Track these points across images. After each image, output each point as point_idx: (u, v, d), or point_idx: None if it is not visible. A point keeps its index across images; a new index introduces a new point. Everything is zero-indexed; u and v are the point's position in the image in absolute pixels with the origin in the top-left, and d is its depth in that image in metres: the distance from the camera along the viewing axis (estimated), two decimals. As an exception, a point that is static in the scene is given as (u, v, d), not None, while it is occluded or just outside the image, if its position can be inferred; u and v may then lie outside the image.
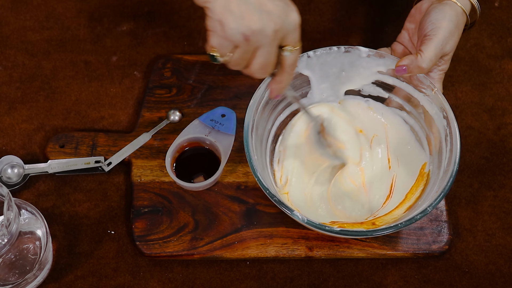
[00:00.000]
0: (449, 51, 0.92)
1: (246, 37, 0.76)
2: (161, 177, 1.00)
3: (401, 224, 0.84)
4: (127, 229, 0.98)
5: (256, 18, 0.76)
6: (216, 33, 0.77)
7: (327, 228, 0.84)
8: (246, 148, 0.88)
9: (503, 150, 1.02)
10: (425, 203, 0.86)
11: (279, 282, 0.94)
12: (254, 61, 0.80)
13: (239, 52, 0.78)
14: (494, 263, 0.95)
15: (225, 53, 0.78)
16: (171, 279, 0.95)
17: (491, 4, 1.15)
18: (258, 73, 0.81)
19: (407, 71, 0.92)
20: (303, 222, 0.84)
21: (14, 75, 1.10)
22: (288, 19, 0.78)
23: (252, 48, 0.78)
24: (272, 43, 0.78)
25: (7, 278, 0.90)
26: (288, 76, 0.84)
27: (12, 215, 0.84)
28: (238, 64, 0.80)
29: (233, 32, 0.76)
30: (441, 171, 0.89)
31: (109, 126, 1.06)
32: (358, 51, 0.95)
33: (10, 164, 1.01)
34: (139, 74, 1.10)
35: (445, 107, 0.91)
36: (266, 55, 0.79)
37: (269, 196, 0.86)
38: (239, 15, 0.75)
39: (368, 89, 0.99)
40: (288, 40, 0.80)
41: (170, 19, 1.15)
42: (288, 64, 0.82)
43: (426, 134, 0.95)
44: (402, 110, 0.98)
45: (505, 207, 0.98)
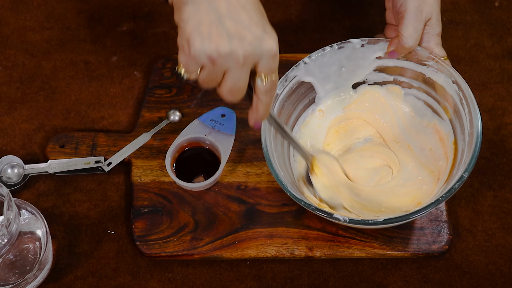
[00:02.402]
0: (430, 15, 0.90)
1: (212, 59, 0.75)
2: (161, 177, 1.00)
3: (442, 197, 0.83)
4: (127, 229, 0.98)
5: (225, 42, 0.74)
6: (184, 52, 0.76)
7: (371, 221, 0.84)
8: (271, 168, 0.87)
9: (503, 150, 1.02)
10: (460, 171, 0.86)
11: (279, 282, 0.94)
12: (223, 83, 0.78)
13: (205, 73, 0.77)
14: (494, 263, 0.95)
15: (191, 71, 0.77)
16: (171, 279, 0.95)
17: (491, 4, 1.15)
18: (227, 97, 0.79)
19: (398, 54, 0.92)
20: (345, 222, 0.84)
21: (14, 75, 1.10)
22: (262, 46, 0.75)
23: (220, 70, 0.76)
24: (240, 68, 0.76)
25: (7, 278, 0.90)
26: (264, 105, 0.81)
27: (12, 215, 0.84)
28: (206, 83, 0.78)
29: (198, 53, 0.74)
30: (466, 136, 0.89)
31: (109, 126, 1.06)
32: (351, 44, 0.95)
33: (10, 164, 1.01)
34: (139, 74, 1.10)
35: (452, 72, 0.91)
36: (234, 80, 0.77)
37: (305, 206, 0.86)
38: (207, 37, 0.74)
39: (372, 77, 0.99)
40: (261, 67, 0.77)
41: (170, 19, 1.14)
42: (261, 92, 0.79)
43: (441, 104, 0.95)
44: (411, 87, 0.98)
45: (505, 207, 0.98)
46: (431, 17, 0.91)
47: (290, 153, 0.97)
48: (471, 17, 1.14)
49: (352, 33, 1.13)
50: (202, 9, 0.74)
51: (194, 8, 0.75)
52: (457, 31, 1.13)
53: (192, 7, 0.75)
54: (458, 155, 0.92)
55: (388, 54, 0.94)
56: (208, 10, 0.74)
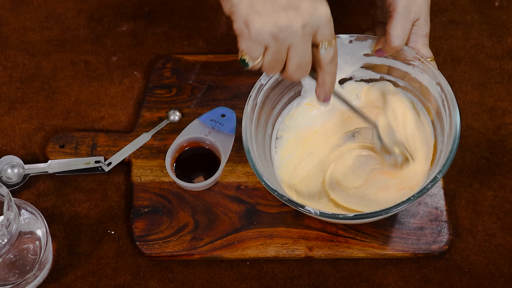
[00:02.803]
0: (418, 16, 0.90)
1: (274, 35, 0.75)
2: (161, 177, 1.00)
3: (414, 197, 0.84)
4: (127, 229, 0.98)
5: (282, 15, 0.74)
6: (244, 36, 0.75)
7: (341, 216, 0.84)
8: (249, 158, 0.88)
9: (503, 150, 1.02)
10: (435, 171, 0.86)
11: (279, 282, 0.94)
12: (289, 62, 0.78)
13: (270, 53, 0.76)
14: (494, 263, 0.95)
15: (255, 56, 0.77)
16: (171, 279, 0.95)
17: (491, 4, 1.15)
18: (295, 75, 0.79)
19: (385, 52, 0.93)
20: (316, 215, 0.85)
21: (14, 75, 1.10)
22: (317, 12, 0.76)
23: (283, 47, 0.76)
24: (303, 40, 0.76)
25: (7, 278, 0.90)
26: (331, 75, 0.82)
27: (12, 215, 0.84)
28: (273, 67, 0.78)
29: (259, 31, 0.74)
30: (445, 138, 0.89)
31: (109, 126, 1.06)
32: (340, 39, 0.95)
33: (10, 164, 1.01)
34: (139, 74, 1.10)
35: (436, 74, 0.91)
36: (300, 54, 0.77)
37: (278, 197, 0.86)
38: (265, 14, 0.74)
39: (359, 74, 0.99)
40: (321, 35, 0.78)
41: (170, 19, 1.15)
42: (326, 62, 0.80)
43: (425, 105, 0.95)
44: (397, 87, 0.98)
45: (505, 207, 0.98)
46: (419, 18, 0.91)
47: (272, 145, 0.97)
48: (471, 17, 1.14)
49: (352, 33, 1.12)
50: None
51: None
52: (457, 31, 1.13)
53: None
54: (436, 156, 0.92)
55: (375, 52, 0.94)
56: None
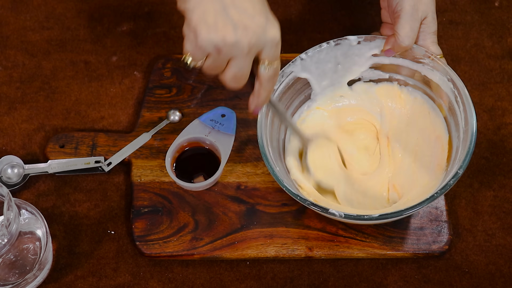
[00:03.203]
0: (425, 14, 0.91)
1: (218, 48, 0.77)
2: (161, 177, 1.00)
3: (437, 194, 0.84)
4: (127, 229, 0.98)
5: (230, 32, 0.76)
6: (190, 40, 0.78)
7: (366, 217, 0.84)
8: (267, 163, 0.88)
9: (503, 150, 1.02)
10: (454, 167, 0.86)
11: (279, 282, 0.94)
12: (227, 71, 0.80)
13: (211, 60, 0.79)
14: (494, 263, 0.95)
15: (197, 60, 0.79)
16: (171, 279, 0.95)
17: (491, 4, 1.15)
18: (231, 83, 0.81)
19: (394, 52, 0.93)
20: (341, 217, 0.85)
21: (14, 75, 1.10)
22: (266, 35, 0.77)
23: (225, 58, 0.78)
24: (245, 57, 0.78)
25: (7, 278, 0.90)
26: (266, 91, 0.83)
27: (12, 215, 0.84)
28: (211, 70, 0.80)
29: (205, 43, 0.76)
30: (460, 133, 0.89)
31: (109, 126, 1.06)
32: (348, 41, 0.95)
33: (10, 164, 1.01)
34: (139, 74, 1.10)
35: (447, 70, 0.91)
36: (238, 67, 0.79)
37: (300, 201, 0.86)
38: (213, 27, 0.76)
39: (368, 74, 0.99)
40: (264, 54, 0.79)
41: (170, 19, 1.15)
42: (264, 79, 0.82)
43: (436, 102, 0.96)
44: (407, 85, 0.98)
45: (505, 207, 0.98)
46: (426, 16, 0.91)
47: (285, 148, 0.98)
48: (471, 17, 1.14)
49: (352, 33, 1.12)
50: None
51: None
52: (457, 31, 1.13)
53: None
54: (452, 152, 0.92)
55: (384, 52, 0.95)
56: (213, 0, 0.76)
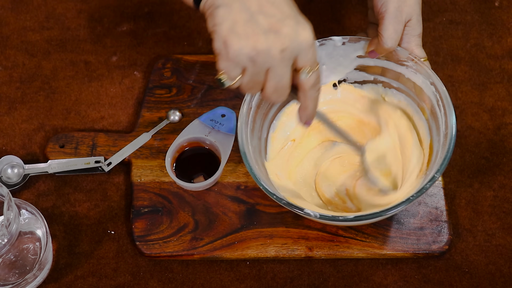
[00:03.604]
0: (410, 16, 0.90)
1: (252, 58, 0.74)
2: (161, 177, 1.00)
3: (413, 197, 0.84)
4: (127, 229, 0.98)
5: (261, 38, 0.73)
6: (222, 56, 0.75)
7: (341, 218, 0.84)
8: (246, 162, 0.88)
9: (503, 150, 1.02)
10: (432, 171, 0.86)
11: (279, 282, 0.94)
12: (267, 85, 0.77)
13: (248, 75, 0.76)
14: (494, 263, 0.95)
15: (233, 77, 0.76)
16: (171, 279, 0.95)
17: (491, 4, 1.15)
18: (273, 97, 0.78)
19: (378, 54, 0.93)
20: (315, 218, 0.85)
21: (14, 75, 1.10)
22: (298, 38, 0.75)
23: (261, 70, 0.75)
24: (281, 64, 0.75)
25: (7, 278, 0.90)
26: (313, 100, 0.81)
27: (12, 215, 0.84)
28: (250, 88, 0.78)
29: (237, 53, 0.74)
30: (441, 137, 0.90)
31: (109, 126, 1.06)
32: (333, 41, 0.95)
33: (10, 164, 1.01)
34: (139, 74, 1.10)
35: (430, 74, 0.91)
36: (277, 77, 0.76)
37: (276, 200, 0.86)
38: (244, 36, 0.73)
39: (352, 76, 0.99)
40: (302, 60, 0.77)
41: (170, 20, 1.15)
42: (308, 87, 0.79)
43: (419, 105, 0.95)
44: (391, 88, 0.98)
45: (505, 207, 0.98)
46: (411, 18, 0.91)
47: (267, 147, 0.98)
48: (471, 17, 1.14)
49: (352, 33, 1.12)
50: (234, 9, 0.74)
51: (226, 10, 0.75)
52: (457, 31, 1.13)
53: (224, 10, 0.75)
54: (432, 156, 0.92)
55: (368, 53, 0.95)
56: (240, 9, 0.74)
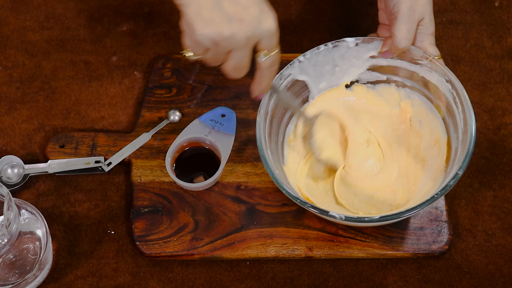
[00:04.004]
0: (423, 15, 0.91)
1: (215, 42, 0.78)
2: (161, 177, 1.00)
3: (437, 195, 0.84)
4: (127, 229, 0.98)
5: (225, 25, 0.77)
6: (188, 35, 0.80)
7: (366, 219, 0.85)
8: (266, 166, 0.88)
9: (503, 150, 1.02)
10: (454, 168, 0.87)
11: (279, 282, 0.94)
12: (228, 62, 0.82)
13: (211, 53, 0.81)
14: (494, 263, 0.95)
15: (197, 54, 0.81)
16: (171, 279, 0.95)
17: (491, 4, 1.15)
18: (232, 74, 0.83)
19: (392, 54, 0.93)
20: (341, 220, 0.85)
21: (14, 75, 1.10)
22: (261, 26, 0.79)
23: (223, 51, 0.80)
24: (244, 48, 0.80)
25: (7, 278, 0.90)
26: (267, 77, 0.85)
27: (12, 215, 0.84)
28: (212, 62, 0.82)
29: (202, 37, 0.78)
30: (459, 134, 0.90)
31: (109, 126, 1.06)
32: (346, 43, 0.95)
33: (10, 164, 1.01)
34: (139, 74, 1.10)
35: (445, 71, 0.92)
36: (238, 58, 0.81)
37: (300, 204, 0.86)
38: (209, 21, 0.77)
39: (365, 76, 0.99)
40: (263, 45, 0.81)
41: (170, 19, 1.15)
42: (264, 67, 0.83)
43: (434, 103, 0.96)
44: (405, 87, 0.98)
45: (505, 207, 0.98)
46: (424, 17, 0.91)
47: (283, 150, 0.98)
48: (471, 17, 1.14)
49: (352, 33, 1.12)
50: None
51: None
52: (457, 31, 1.13)
53: None
54: (451, 153, 0.92)
55: (381, 54, 0.95)
56: None
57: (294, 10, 1.16)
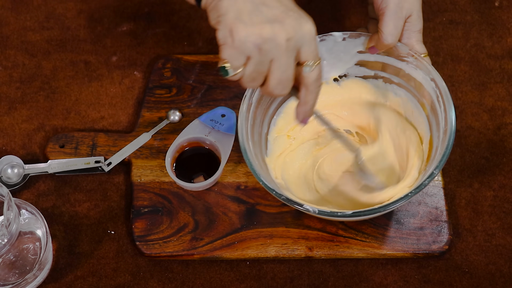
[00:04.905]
0: (410, 12, 0.91)
1: (258, 46, 0.75)
2: (161, 177, 1.00)
3: (411, 193, 0.84)
4: (127, 229, 0.98)
5: (267, 27, 0.75)
6: (227, 44, 0.76)
7: (339, 213, 0.85)
8: (246, 158, 0.88)
9: (503, 150, 1.02)
10: (431, 167, 0.86)
11: (279, 282, 0.94)
12: (271, 76, 0.78)
13: (252, 64, 0.77)
14: (494, 263, 0.95)
15: (237, 66, 0.77)
16: (171, 279, 0.95)
17: (491, 4, 1.15)
18: (276, 90, 0.79)
19: (378, 50, 0.93)
20: (314, 213, 0.85)
21: (14, 75, 1.10)
22: (302, 29, 0.77)
23: (266, 59, 0.76)
24: (286, 54, 0.76)
25: (7, 278, 0.90)
26: (313, 95, 0.81)
27: (12, 215, 0.84)
28: (253, 79, 0.78)
29: (244, 40, 0.75)
30: (440, 133, 0.90)
31: (109, 126, 1.06)
32: (333, 37, 0.95)
33: (10, 164, 1.01)
34: (139, 74, 1.10)
35: (430, 70, 0.91)
36: (282, 68, 0.77)
37: (276, 196, 0.86)
38: (250, 24, 0.75)
39: (353, 71, 0.99)
40: (305, 53, 0.78)
41: (170, 20, 1.15)
42: (310, 81, 0.80)
43: (419, 101, 0.96)
44: (392, 83, 0.98)
45: (505, 207, 0.98)
46: (411, 14, 0.91)
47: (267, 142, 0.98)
48: (471, 17, 1.14)
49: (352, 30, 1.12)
50: (238, 1, 0.76)
51: (230, 2, 0.76)
52: (457, 31, 1.13)
53: (228, 1, 0.76)
54: (432, 152, 0.92)
55: (368, 49, 0.95)
56: (244, 1, 0.76)
57: (294, 10, 1.16)
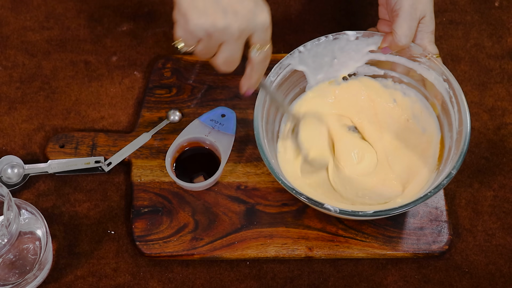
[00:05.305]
0: (424, 13, 0.91)
1: (209, 33, 0.78)
2: (161, 177, 1.00)
3: (430, 193, 0.84)
4: (127, 229, 0.98)
5: (220, 17, 0.78)
6: (180, 26, 0.80)
7: (360, 213, 0.85)
8: (263, 155, 0.88)
9: (503, 150, 1.02)
10: (447, 167, 0.87)
11: (279, 282, 0.94)
12: (219, 55, 0.82)
13: (202, 45, 0.81)
14: (494, 263, 0.95)
15: (189, 45, 0.81)
16: (171, 279, 0.95)
17: (491, 4, 1.15)
18: (222, 67, 0.83)
19: (391, 50, 0.94)
20: (335, 213, 0.85)
21: (14, 75, 1.10)
22: (256, 19, 0.79)
23: (216, 43, 0.80)
24: (236, 41, 0.80)
25: (7, 278, 0.90)
26: (258, 73, 0.85)
27: (12, 215, 0.84)
28: (203, 55, 0.82)
29: (196, 28, 0.78)
30: (454, 134, 0.90)
31: (109, 126, 1.06)
32: (346, 36, 0.96)
33: (10, 164, 1.01)
34: (139, 74, 1.10)
35: (443, 70, 0.92)
36: (230, 51, 0.81)
37: (296, 195, 0.86)
38: (204, 12, 0.78)
39: (363, 70, 1.00)
40: (255, 38, 0.81)
41: (170, 19, 1.14)
42: (256, 62, 0.84)
43: (429, 101, 0.96)
44: (401, 83, 0.99)
45: (505, 207, 0.98)
46: (425, 15, 0.92)
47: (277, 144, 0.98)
48: (471, 17, 1.14)
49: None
50: None
51: None
52: (457, 31, 1.13)
53: None
54: (444, 151, 0.92)
55: (381, 49, 0.95)
56: None
57: (294, 10, 1.16)
